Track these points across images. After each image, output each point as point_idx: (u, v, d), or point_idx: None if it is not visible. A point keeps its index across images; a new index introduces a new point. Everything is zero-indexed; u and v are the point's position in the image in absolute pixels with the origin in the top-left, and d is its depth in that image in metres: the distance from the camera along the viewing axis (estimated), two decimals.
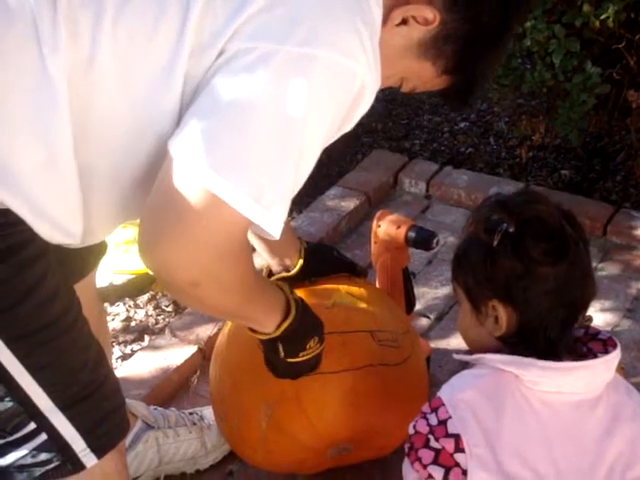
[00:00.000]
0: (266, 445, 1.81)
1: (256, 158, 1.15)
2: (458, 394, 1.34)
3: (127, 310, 2.50)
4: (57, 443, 1.30)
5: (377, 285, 2.11)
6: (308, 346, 1.58)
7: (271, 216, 1.17)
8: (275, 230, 1.19)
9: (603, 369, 1.34)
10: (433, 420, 1.32)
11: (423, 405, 1.36)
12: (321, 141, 1.23)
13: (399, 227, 2.02)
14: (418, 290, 2.28)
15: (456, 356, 1.43)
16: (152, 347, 2.30)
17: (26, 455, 1.30)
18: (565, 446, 1.32)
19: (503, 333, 1.35)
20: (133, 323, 2.45)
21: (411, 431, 1.35)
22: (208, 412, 1.98)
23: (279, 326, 1.49)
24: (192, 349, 2.26)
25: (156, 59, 1.19)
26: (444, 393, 1.35)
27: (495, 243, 1.32)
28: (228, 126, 1.15)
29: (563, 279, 1.31)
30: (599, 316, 2.37)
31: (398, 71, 1.32)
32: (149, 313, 2.49)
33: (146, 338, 2.39)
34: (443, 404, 1.32)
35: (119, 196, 1.31)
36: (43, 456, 1.30)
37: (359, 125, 1.33)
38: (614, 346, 1.36)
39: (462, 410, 1.31)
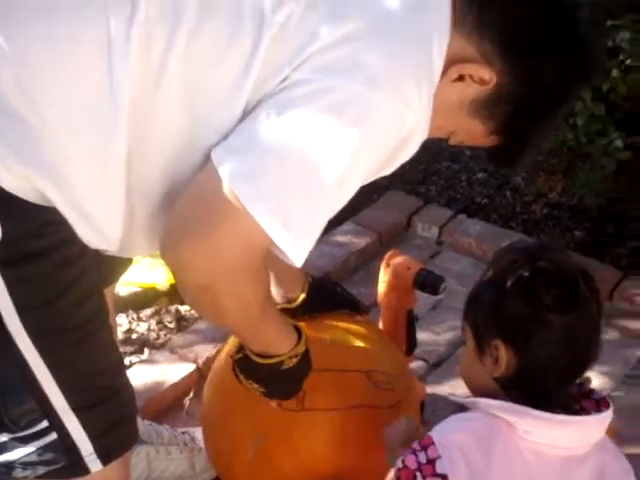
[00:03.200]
0: (251, 475, 1.80)
1: (296, 189, 1.18)
2: (449, 435, 1.34)
3: (130, 322, 2.50)
4: (65, 444, 1.32)
5: (380, 323, 2.11)
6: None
7: (297, 245, 1.20)
8: (298, 259, 1.21)
9: (595, 427, 1.35)
10: (422, 458, 1.32)
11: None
12: (360, 182, 1.25)
13: (409, 268, 2.02)
14: (419, 334, 2.27)
15: (451, 397, 1.44)
16: (150, 361, 2.31)
17: (32, 452, 1.31)
18: None
19: (501, 374, 1.35)
20: (134, 335, 2.46)
21: (399, 465, 1.35)
22: (200, 433, 1.97)
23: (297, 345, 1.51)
24: (190, 367, 2.27)
25: (222, 82, 1.22)
26: (435, 433, 1.35)
27: (508, 284, 1.33)
28: (275, 150, 1.18)
29: (569, 330, 1.32)
30: (597, 379, 2.35)
31: (448, 124, 1.33)
32: (151, 327, 2.50)
33: (146, 351, 2.40)
34: (433, 443, 1.32)
35: (163, 211, 1.32)
36: (49, 455, 1.32)
37: None
38: (607, 406, 1.36)
39: (452, 451, 1.31)
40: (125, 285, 2.54)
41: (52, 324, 1.26)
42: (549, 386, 1.33)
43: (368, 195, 3.14)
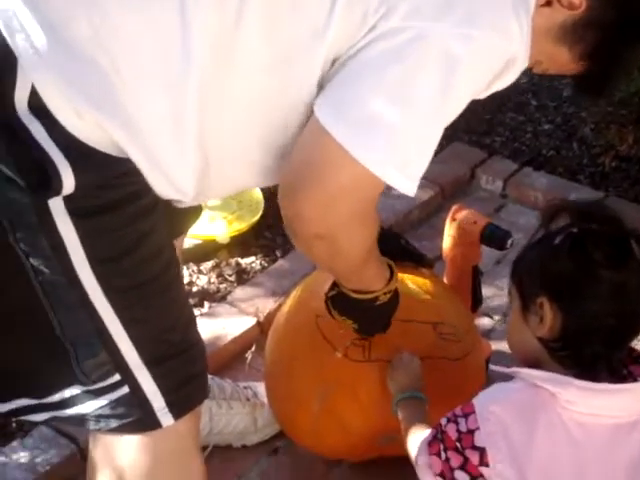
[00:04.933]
0: (316, 428, 1.81)
1: (407, 133, 1.20)
2: (490, 405, 1.31)
3: (190, 275, 2.49)
4: (138, 398, 1.30)
5: (445, 279, 2.08)
6: None
7: (412, 183, 1.24)
8: (413, 192, 1.25)
9: None
10: (462, 426, 1.30)
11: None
12: (459, 112, 1.26)
13: (475, 223, 1.99)
14: (484, 289, 2.23)
15: (493, 367, 1.40)
16: (211, 314, 2.30)
17: (105, 405, 1.31)
18: (597, 470, 1.29)
19: (545, 334, 1.31)
20: (195, 288, 2.45)
21: (443, 422, 1.34)
22: (262, 388, 1.97)
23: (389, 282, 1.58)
24: (251, 321, 2.26)
25: (302, 27, 1.20)
26: (478, 401, 1.33)
27: (557, 241, 1.30)
28: (381, 99, 1.18)
29: (617, 287, 1.27)
30: None
31: (534, 52, 1.30)
32: (211, 280, 2.48)
33: (206, 305, 2.39)
34: (474, 412, 1.31)
35: (243, 159, 1.31)
36: (121, 409, 1.31)
37: None
38: None
39: (491, 423, 1.29)
40: (185, 237, 2.52)
41: (124, 277, 1.24)
42: (597, 348, 1.29)
43: None
